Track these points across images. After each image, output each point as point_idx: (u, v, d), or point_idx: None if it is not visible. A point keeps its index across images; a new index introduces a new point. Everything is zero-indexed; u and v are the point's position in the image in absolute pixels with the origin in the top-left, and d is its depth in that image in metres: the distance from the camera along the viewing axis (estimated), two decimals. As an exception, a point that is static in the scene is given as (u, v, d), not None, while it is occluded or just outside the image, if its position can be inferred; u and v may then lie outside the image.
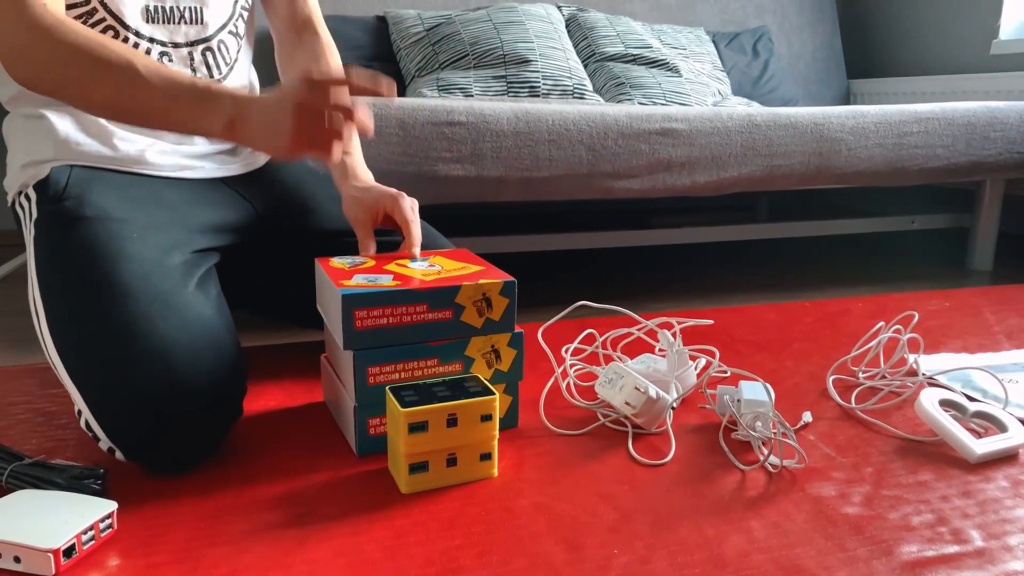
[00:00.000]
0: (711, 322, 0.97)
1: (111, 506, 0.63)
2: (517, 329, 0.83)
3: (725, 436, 0.84)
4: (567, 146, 1.39)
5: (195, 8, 0.90)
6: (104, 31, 0.85)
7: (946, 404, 0.87)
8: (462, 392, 0.73)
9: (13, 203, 0.92)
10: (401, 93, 1.85)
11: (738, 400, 0.86)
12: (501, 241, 1.48)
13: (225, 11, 0.94)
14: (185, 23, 0.89)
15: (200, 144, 0.96)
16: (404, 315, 0.77)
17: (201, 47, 0.92)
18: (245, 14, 0.97)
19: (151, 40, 0.87)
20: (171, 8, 0.88)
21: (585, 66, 1.98)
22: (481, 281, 0.80)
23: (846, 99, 2.54)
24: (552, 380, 0.96)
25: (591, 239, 1.58)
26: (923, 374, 0.99)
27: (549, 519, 0.67)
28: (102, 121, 0.88)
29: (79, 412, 0.75)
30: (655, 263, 1.92)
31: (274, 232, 1.01)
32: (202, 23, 0.91)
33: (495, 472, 0.75)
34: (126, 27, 0.85)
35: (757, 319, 1.33)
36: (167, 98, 0.74)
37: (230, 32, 0.95)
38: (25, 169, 0.89)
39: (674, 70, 1.97)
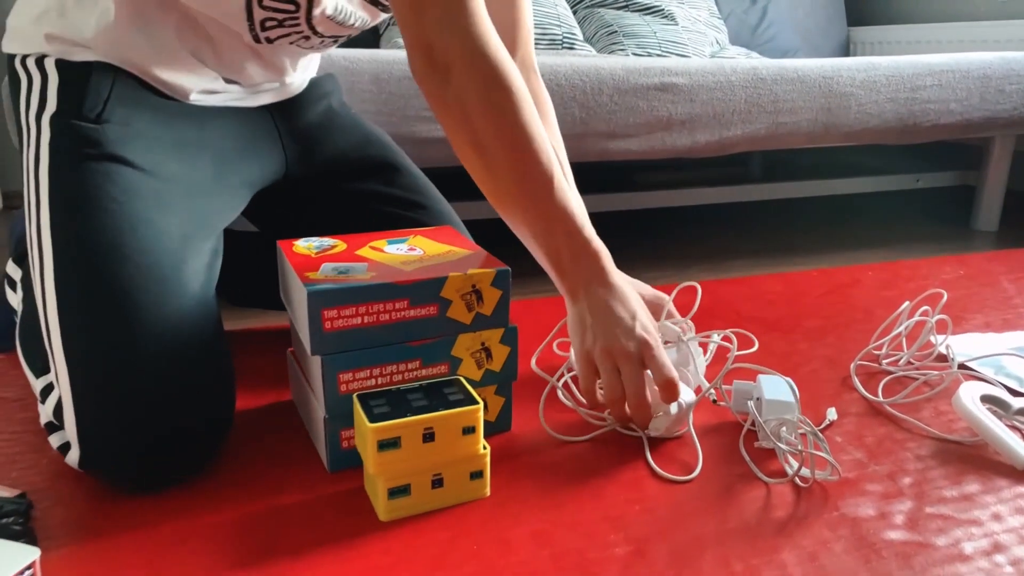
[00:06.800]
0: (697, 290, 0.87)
1: (32, 554, 0.53)
2: (511, 323, 0.73)
3: (746, 442, 0.75)
4: (558, 103, 1.27)
5: (364, 19, 0.85)
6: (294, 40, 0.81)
7: (986, 400, 0.78)
8: (441, 401, 0.63)
9: (11, 64, 0.77)
10: (375, 44, 1.71)
11: (758, 398, 0.76)
12: (478, 207, 1.36)
13: (378, 22, 0.88)
14: (352, 28, 0.85)
15: (237, 90, 0.85)
16: (382, 313, 0.66)
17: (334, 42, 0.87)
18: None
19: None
20: (347, 13, 0.81)
21: (574, 12, 1.84)
22: (470, 271, 0.69)
23: (846, 48, 2.41)
24: (548, 388, 0.85)
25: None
26: (954, 359, 0.91)
27: (553, 554, 0.58)
28: (164, 34, 0.75)
29: (44, 392, 0.66)
30: (642, 226, 1.82)
31: (295, 185, 0.94)
32: (360, 30, 0.87)
33: (487, 491, 0.66)
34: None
35: (762, 291, 1.24)
36: (550, 221, 0.71)
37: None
38: (49, 37, 0.73)
39: (670, 17, 1.83)
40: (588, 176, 1.89)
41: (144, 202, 0.69)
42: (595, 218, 1.94)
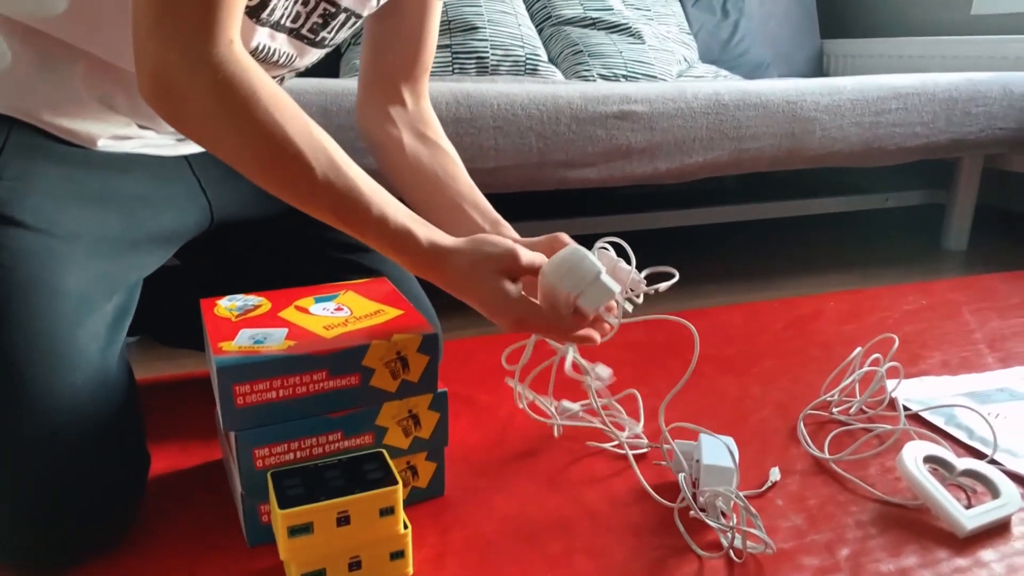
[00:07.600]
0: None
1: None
2: (440, 388, 0.70)
3: (682, 512, 0.73)
4: (515, 133, 1.24)
5: (290, 55, 0.76)
6: None
7: (931, 460, 0.77)
8: (358, 480, 0.61)
9: None
10: (335, 66, 1.67)
11: (697, 461, 0.74)
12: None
13: (312, 60, 0.81)
14: (277, 67, 0.77)
15: (154, 135, 0.79)
16: (298, 386, 0.64)
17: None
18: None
19: None
20: (271, 50, 0.73)
21: (540, 31, 1.81)
22: (395, 338, 0.66)
23: (819, 61, 2.40)
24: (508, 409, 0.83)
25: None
26: (904, 411, 0.89)
27: (468, 646, 0.56)
28: (69, 80, 0.69)
29: None
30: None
31: (227, 233, 0.89)
32: (290, 68, 0.79)
33: (410, 571, 0.63)
34: None
35: (720, 325, 1.22)
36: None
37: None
38: None
39: (636, 36, 1.81)
40: (548, 198, 1.87)
41: (36, 264, 0.65)
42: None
